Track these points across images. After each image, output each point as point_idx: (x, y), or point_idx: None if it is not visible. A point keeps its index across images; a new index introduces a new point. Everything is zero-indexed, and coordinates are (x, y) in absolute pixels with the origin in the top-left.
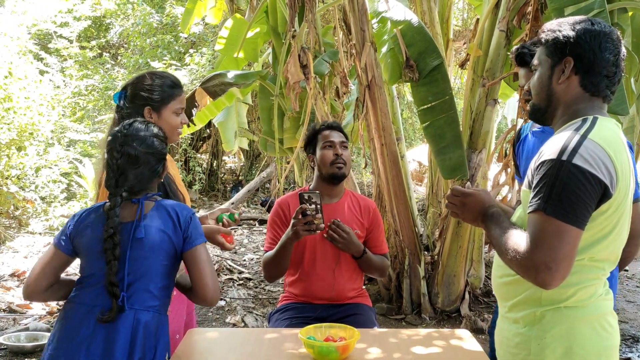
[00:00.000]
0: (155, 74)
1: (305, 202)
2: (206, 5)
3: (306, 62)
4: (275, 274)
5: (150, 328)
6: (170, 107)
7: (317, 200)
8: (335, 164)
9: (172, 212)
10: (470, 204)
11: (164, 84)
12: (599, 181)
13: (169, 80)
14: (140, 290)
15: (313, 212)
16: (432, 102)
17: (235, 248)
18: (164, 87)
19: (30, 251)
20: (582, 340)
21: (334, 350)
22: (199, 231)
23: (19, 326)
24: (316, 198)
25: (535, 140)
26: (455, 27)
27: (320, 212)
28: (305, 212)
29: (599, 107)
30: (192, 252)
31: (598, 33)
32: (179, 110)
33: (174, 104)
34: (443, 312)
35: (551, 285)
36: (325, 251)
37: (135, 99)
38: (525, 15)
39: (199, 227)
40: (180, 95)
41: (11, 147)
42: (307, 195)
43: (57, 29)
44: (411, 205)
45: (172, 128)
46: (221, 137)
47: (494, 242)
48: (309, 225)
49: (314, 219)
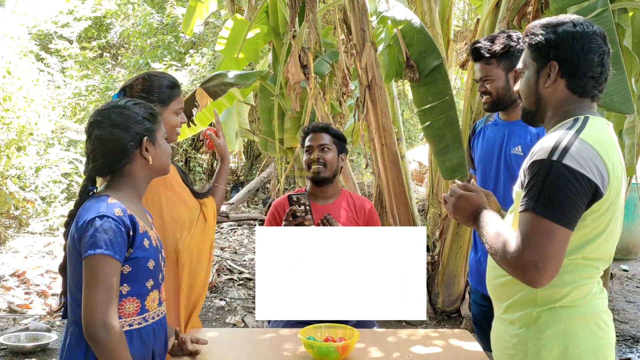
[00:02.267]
0: (154, 75)
1: (294, 203)
2: (208, 6)
3: (306, 62)
4: None
5: (71, 344)
6: (170, 108)
7: (305, 202)
8: (311, 166)
9: (79, 213)
10: (462, 205)
11: (163, 85)
12: (589, 181)
13: (168, 81)
14: (72, 301)
15: (302, 213)
16: (432, 102)
17: (235, 248)
18: (164, 88)
19: (31, 251)
20: (577, 339)
21: (334, 351)
22: (93, 241)
23: (19, 326)
24: (304, 199)
25: (489, 132)
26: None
27: (309, 213)
28: (295, 214)
29: (589, 106)
30: (84, 262)
31: (581, 35)
32: (178, 110)
33: (173, 104)
34: (443, 313)
35: (539, 284)
36: None
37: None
38: (526, 15)
39: (96, 235)
40: (180, 96)
41: (11, 147)
42: (296, 197)
43: (57, 29)
44: (411, 205)
45: (172, 128)
46: None
47: (486, 242)
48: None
49: (304, 220)
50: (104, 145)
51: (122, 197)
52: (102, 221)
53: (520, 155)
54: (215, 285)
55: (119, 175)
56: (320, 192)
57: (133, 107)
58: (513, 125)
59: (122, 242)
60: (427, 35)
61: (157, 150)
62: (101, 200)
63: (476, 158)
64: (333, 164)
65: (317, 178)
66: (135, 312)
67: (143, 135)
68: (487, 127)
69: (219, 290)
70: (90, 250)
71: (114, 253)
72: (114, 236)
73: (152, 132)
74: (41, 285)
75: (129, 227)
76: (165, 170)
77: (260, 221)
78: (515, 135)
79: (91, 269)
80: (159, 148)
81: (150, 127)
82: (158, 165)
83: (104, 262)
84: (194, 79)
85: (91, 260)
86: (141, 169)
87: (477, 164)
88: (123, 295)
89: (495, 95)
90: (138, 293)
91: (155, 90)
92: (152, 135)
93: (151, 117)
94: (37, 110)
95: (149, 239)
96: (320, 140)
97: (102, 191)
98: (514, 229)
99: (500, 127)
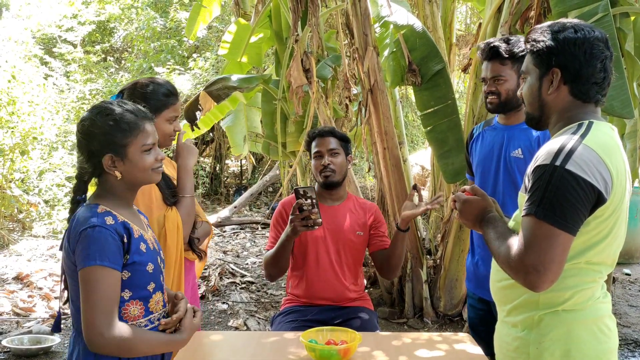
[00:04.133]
0: (152, 81)
1: (301, 197)
2: (211, 11)
3: (309, 66)
4: (275, 273)
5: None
6: (163, 116)
7: (312, 195)
8: (323, 172)
9: (71, 224)
10: (467, 210)
11: (160, 92)
12: (592, 187)
13: (164, 89)
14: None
15: (309, 207)
16: (434, 106)
17: (238, 252)
18: (159, 96)
19: (34, 254)
20: (580, 343)
21: (336, 354)
22: (86, 253)
23: (22, 329)
24: (311, 193)
25: (488, 136)
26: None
27: (316, 207)
28: (302, 208)
29: (592, 111)
30: (79, 274)
31: (582, 41)
32: (172, 119)
33: (167, 112)
34: (445, 316)
35: (540, 287)
36: (327, 251)
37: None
38: (528, 20)
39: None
40: (175, 104)
41: (15, 150)
42: (303, 190)
43: (61, 33)
44: None
45: (164, 135)
46: (229, 142)
47: (490, 245)
48: (306, 221)
49: (310, 214)
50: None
51: (111, 205)
52: (94, 231)
53: (521, 158)
54: (217, 288)
55: (102, 183)
56: (329, 194)
57: (104, 118)
58: (512, 129)
59: (117, 250)
60: (430, 40)
61: (126, 165)
62: (91, 210)
63: (474, 162)
64: (343, 168)
65: (327, 182)
66: (140, 314)
67: (104, 152)
68: (486, 132)
69: (221, 294)
70: (84, 263)
71: (109, 262)
72: (107, 246)
73: (121, 147)
74: (44, 289)
75: (122, 234)
76: (142, 183)
77: (263, 225)
78: (515, 139)
79: (86, 281)
80: (130, 163)
81: (118, 141)
82: (130, 180)
83: (98, 273)
84: (197, 83)
85: (86, 273)
86: (116, 180)
87: (475, 168)
88: (125, 300)
89: (504, 96)
90: (140, 297)
91: (149, 96)
92: (119, 151)
93: (123, 131)
94: (42, 116)
95: (145, 242)
96: (329, 145)
97: (92, 200)
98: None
99: (500, 131)
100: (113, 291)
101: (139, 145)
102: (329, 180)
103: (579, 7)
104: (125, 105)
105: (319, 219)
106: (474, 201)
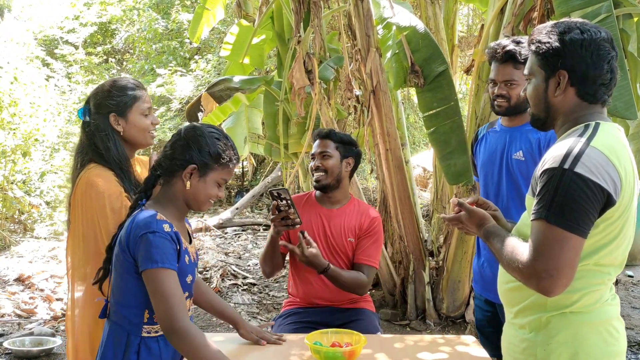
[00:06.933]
0: (114, 80)
1: (276, 198)
2: (215, 14)
3: (311, 67)
4: (268, 270)
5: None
6: (135, 109)
7: (286, 196)
8: (313, 175)
9: (129, 224)
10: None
11: (124, 87)
12: (602, 189)
13: (128, 83)
14: (115, 303)
15: (285, 207)
16: (437, 107)
17: (240, 253)
18: (125, 90)
19: (35, 256)
20: (587, 345)
21: (341, 356)
22: (149, 256)
23: (23, 331)
24: (285, 194)
25: (491, 138)
26: (460, 33)
27: (292, 207)
28: (279, 208)
29: (599, 112)
30: (144, 274)
31: (589, 43)
32: (145, 111)
33: (138, 104)
34: (448, 318)
35: (553, 292)
36: (323, 253)
37: (99, 110)
38: (531, 21)
39: (151, 250)
40: (143, 96)
41: (17, 152)
42: (277, 192)
43: (63, 34)
44: (416, 210)
45: (141, 130)
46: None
47: (497, 255)
48: (285, 221)
49: (288, 214)
50: (170, 148)
51: (167, 214)
52: (154, 237)
53: (522, 160)
54: (219, 290)
55: (166, 190)
56: (327, 198)
57: (205, 136)
58: (514, 131)
59: (174, 254)
60: (432, 41)
61: (199, 183)
62: (151, 216)
63: (478, 164)
64: (334, 170)
65: (318, 185)
66: None
67: (188, 163)
68: (489, 134)
69: (223, 296)
70: (148, 265)
71: (170, 265)
72: (167, 250)
73: (203, 166)
74: (46, 290)
75: (176, 243)
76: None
77: (265, 226)
78: (517, 141)
79: (153, 282)
80: (201, 183)
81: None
82: (192, 195)
83: (162, 274)
84: (198, 84)
85: (151, 274)
86: (181, 191)
87: (479, 170)
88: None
89: (514, 101)
90: None
91: (115, 95)
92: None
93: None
94: (45, 118)
95: (188, 255)
96: (322, 147)
97: (150, 206)
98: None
99: (502, 133)
100: (178, 287)
101: (219, 177)
102: (319, 184)
103: (582, 8)
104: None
105: (297, 218)
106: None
